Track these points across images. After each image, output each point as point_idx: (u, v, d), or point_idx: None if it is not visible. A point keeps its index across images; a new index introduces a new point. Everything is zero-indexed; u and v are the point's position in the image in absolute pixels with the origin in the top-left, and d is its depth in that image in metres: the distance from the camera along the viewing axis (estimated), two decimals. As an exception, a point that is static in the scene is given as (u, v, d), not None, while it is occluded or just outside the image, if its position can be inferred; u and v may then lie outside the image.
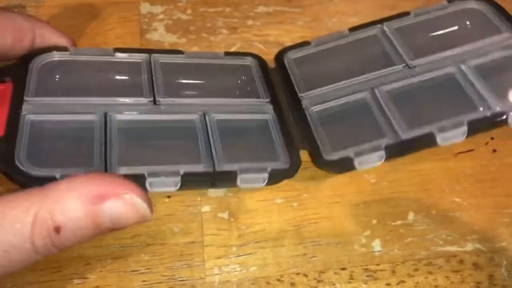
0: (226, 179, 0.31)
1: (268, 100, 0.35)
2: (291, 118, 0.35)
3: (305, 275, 0.31)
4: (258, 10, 0.41)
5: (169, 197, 0.33)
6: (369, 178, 0.34)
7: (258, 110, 0.35)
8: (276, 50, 0.39)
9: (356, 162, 0.31)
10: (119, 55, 0.34)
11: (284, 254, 0.32)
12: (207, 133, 0.33)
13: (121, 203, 0.23)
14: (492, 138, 0.36)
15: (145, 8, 0.41)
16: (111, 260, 0.31)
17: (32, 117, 0.31)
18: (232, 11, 0.41)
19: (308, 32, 0.41)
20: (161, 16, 0.41)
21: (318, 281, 0.31)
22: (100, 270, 0.31)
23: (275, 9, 0.42)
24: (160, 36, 0.40)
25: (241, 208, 0.33)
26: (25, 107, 0.31)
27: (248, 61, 0.37)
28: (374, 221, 0.33)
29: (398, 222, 0.33)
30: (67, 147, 0.32)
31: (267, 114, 0.35)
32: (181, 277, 0.31)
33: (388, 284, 0.31)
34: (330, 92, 0.35)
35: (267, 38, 0.40)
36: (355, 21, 0.41)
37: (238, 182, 0.31)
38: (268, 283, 0.31)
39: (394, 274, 0.31)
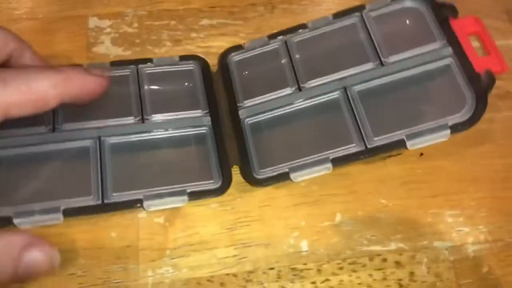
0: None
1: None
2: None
3: (235, 275, 0.32)
4: (202, 23, 0.43)
5: (107, 203, 0.35)
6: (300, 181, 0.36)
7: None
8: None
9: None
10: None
11: (216, 255, 0.33)
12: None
13: (42, 254, 0.26)
14: (419, 142, 0.38)
15: (93, 22, 0.43)
16: (49, 264, 0.32)
17: None
18: (177, 24, 0.43)
19: (249, 43, 0.42)
20: (108, 30, 0.42)
21: (247, 281, 0.32)
22: (38, 273, 0.32)
23: (218, 22, 0.43)
24: (106, 49, 0.41)
25: (177, 213, 0.35)
26: None
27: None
28: (303, 223, 0.34)
29: (326, 223, 0.34)
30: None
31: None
32: (116, 280, 0.32)
33: (313, 283, 0.32)
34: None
35: (209, 50, 0.42)
36: (295, 32, 0.43)
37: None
38: (199, 283, 0.32)
39: (319, 272, 0.33)
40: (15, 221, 0.31)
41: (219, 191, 0.33)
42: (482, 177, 0.37)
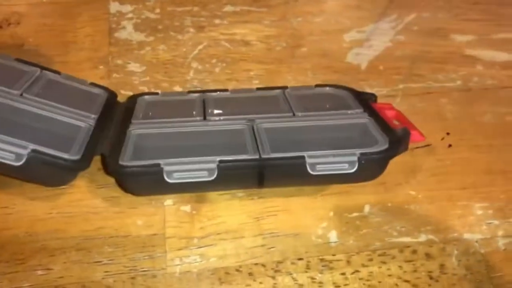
0: None
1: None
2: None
3: (263, 265, 0.32)
4: (225, 9, 0.42)
5: (132, 190, 0.34)
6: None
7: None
8: (242, 49, 0.40)
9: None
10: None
11: (243, 245, 0.33)
12: None
13: None
14: (448, 134, 0.37)
15: (114, 7, 0.42)
16: (75, 251, 0.32)
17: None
18: (200, 10, 0.42)
19: (274, 31, 0.42)
20: (130, 15, 0.42)
21: (276, 271, 0.32)
22: (64, 261, 0.31)
23: (242, 9, 0.43)
24: (128, 34, 0.41)
25: (203, 201, 0.34)
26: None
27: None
28: (331, 213, 0.34)
29: (354, 214, 0.34)
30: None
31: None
32: (142, 268, 0.32)
33: (342, 274, 0.32)
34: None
35: (233, 37, 0.41)
36: (320, 20, 0.43)
37: None
38: (227, 273, 0.32)
39: (349, 264, 0.32)
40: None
41: (72, 164, 0.31)
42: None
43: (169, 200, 0.34)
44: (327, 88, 0.38)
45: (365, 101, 0.36)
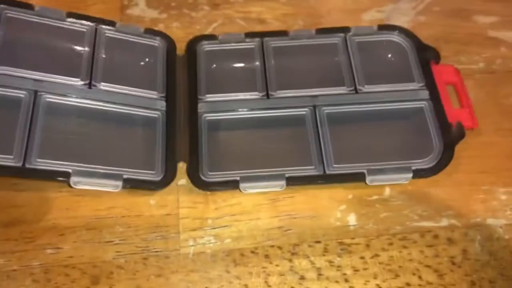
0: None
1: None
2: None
3: (280, 248, 0.31)
4: (241, -14, 0.41)
5: (145, 169, 0.33)
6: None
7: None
8: (258, 28, 0.39)
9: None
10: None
11: (259, 227, 0.32)
12: None
13: None
14: (470, 116, 0.36)
15: (127, -17, 0.41)
16: (85, 231, 0.31)
17: None
18: (215, -13, 0.41)
19: (291, 9, 0.41)
20: (142, -9, 0.40)
21: (292, 254, 0.31)
22: (74, 240, 0.31)
23: (258, -14, 0.41)
24: (141, 11, 0.39)
25: (217, 181, 0.33)
26: None
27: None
28: (350, 196, 0.33)
29: (374, 197, 0.33)
30: None
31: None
32: (155, 248, 0.31)
33: (362, 258, 0.31)
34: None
35: (249, 15, 0.40)
36: (338, -1, 0.41)
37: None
38: (242, 254, 0.31)
39: (368, 248, 0.31)
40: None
41: (159, 185, 0.32)
42: (537, 154, 0.35)
43: (183, 180, 0.33)
44: (392, 36, 0.37)
45: (427, 61, 0.36)
